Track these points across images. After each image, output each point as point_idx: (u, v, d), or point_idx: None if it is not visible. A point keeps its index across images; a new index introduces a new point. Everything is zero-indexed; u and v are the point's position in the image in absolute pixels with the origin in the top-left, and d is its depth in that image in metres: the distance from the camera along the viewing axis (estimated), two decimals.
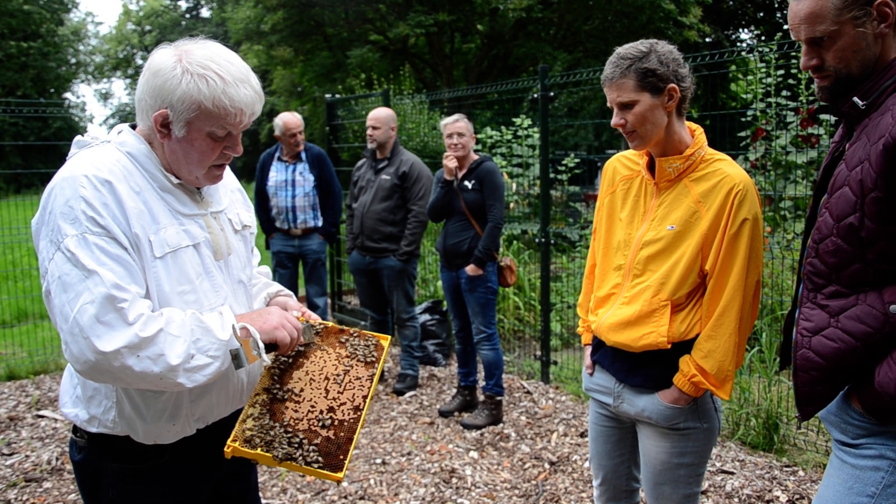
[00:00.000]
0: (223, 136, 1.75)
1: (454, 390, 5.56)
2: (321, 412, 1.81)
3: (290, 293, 2.19)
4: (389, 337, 2.10)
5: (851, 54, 1.70)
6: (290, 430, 1.76)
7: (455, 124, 4.76)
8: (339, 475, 1.69)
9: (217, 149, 1.76)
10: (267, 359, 1.73)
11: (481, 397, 5.09)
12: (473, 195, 4.76)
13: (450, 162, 4.76)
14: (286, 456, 1.70)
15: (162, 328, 1.60)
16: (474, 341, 4.97)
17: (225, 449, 1.71)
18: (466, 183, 4.79)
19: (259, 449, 1.71)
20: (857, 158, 1.66)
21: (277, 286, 2.19)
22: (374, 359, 1.99)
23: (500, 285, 4.95)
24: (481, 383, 5.17)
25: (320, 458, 1.71)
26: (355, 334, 2.05)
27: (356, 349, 2.00)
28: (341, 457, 1.73)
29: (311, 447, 1.73)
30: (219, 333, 1.66)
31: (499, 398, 4.94)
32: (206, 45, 1.74)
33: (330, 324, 2.06)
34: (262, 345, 1.71)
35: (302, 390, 1.85)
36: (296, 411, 1.81)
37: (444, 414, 5.09)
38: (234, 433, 1.74)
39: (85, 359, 1.55)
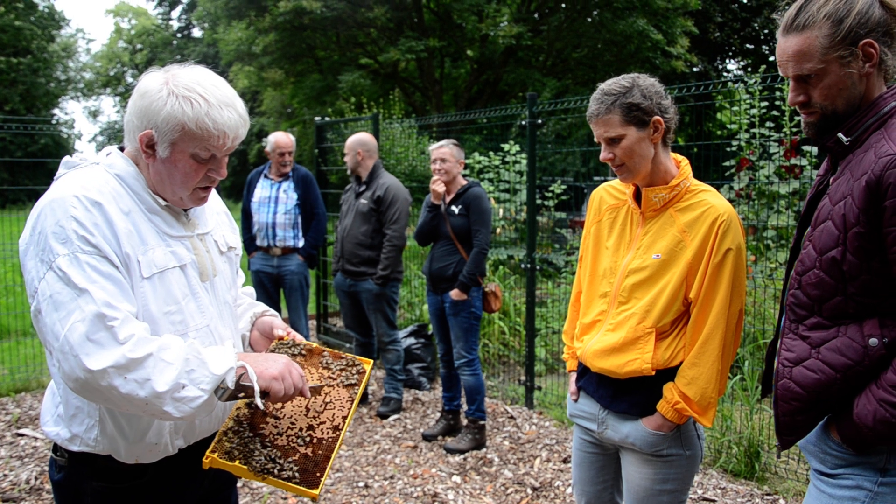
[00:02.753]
0: (207, 159, 1.76)
1: (438, 414, 5.55)
2: (301, 429, 1.82)
3: (276, 313, 2.20)
4: (372, 361, 2.11)
5: (837, 92, 1.74)
6: (269, 444, 1.76)
7: (439, 150, 4.82)
8: (315, 492, 1.69)
9: (201, 171, 1.77)
10: (260, 403, 1.70)
11: (465, 422, 5.08)
12: (460, 220, 4.79)
13: (437, 186, 4.80)
14: (263, 469, 1.70)
15: (152, 352, 1.58)
16: (455, 366, 4.97)
17: (203, 459, 1.71)
18: (453, 208, 4.83)
19: (237, 461, 1.70)
20: (841, 193, 1.70)
21: (263, 306, 2.20)
22: (355, 381, 2.00)
23: (484, 311, 4.97)
24: (464, 407, 5.16)
25: (297, 474, 1.71)
26: (339, 356, 2.06)
27: (339, 371, 2.01)
28: (318, 474, 1.73)
29: (289, 462, 1.73)
30: (213, 368, 1.65)
31: (481, 422, 4.93)
32: (194, 70, 1.77)
33: (314, 345, 2.07)
34: (258, 388, 1.69)
35: (282, 407, 1.86)
36: (275, 427, 1.81)
37: (427, 438, 5.08)
38: (212, 444, 1.74)
39: (75, 376, 1.55)
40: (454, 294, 4.76)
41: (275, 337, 2.07)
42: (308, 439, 1.80)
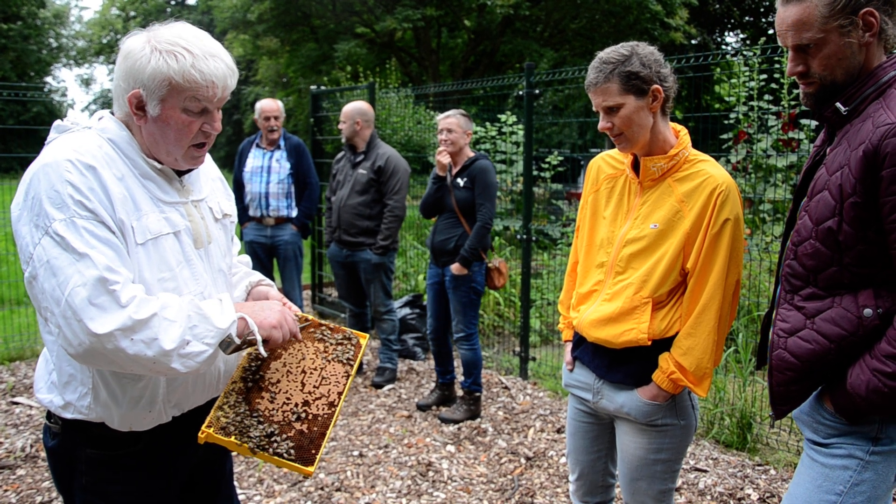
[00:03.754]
0: (199, 112, 1.74)
1: (433, 384, 5.58)
2: (296, 405, 1.81)
3: (271, 283, 2.19)
4: (368, 335, 2.10)
5: (836, 62, 1.72)
6: (265, 420, 1.76)
7: (446, 120, 4.73)
8: (310, 469, 1.70)
9: (194, 126, 1.75)
10: (263, 351, 1.73)
11: (459, 392, 5.10)
12: (465, 193, 4.72)
13: (442, 158, 4.71)
14: (259, 446, 1.71)
15: (156, 312, 1.59)
16: (453, 339, 4.93)
17: (199, 434, 1.71)
18: (459, 180, 4.74)
19: (233, 437, 1.71)
20: (838, 163, 1.69)
21: (258, 275, 2.19)
22: (350, 356, 1.99)
23: (487, 287, 4.91)
24: (459, 378, 5.18)
25: (293, 451, 1.72)
26: (335, 330, 2.05)
27: (334, 344, 2.00)
28: (313, 451, 1.73)
29: (285, 439, 1.73)
30: (217, 321, 1.66)
31: (477, 394, 4.95)
32: (176, 25, 1.75)
33: (310, 317, 2.06)
34: (260, 339, 1.71)
35: (278, 381, 1.86)
36: (271, 402, 1.81)
37: (422, 408, 5.09)
38: (208, 419, 1.74)
39: (79, 342, 1.54)
40: (454, 268, 4.70)
41: None
42: (304, 415, 1.80)
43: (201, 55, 1.69)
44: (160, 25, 1.75)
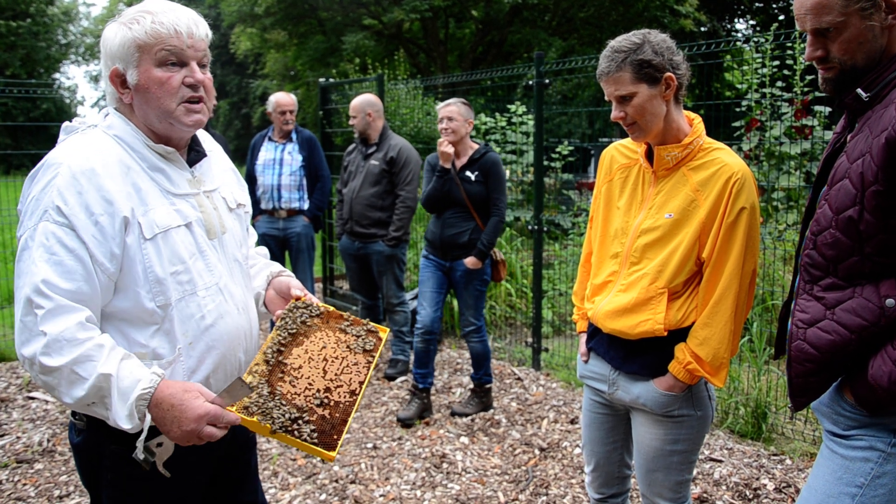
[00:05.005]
0: (175, 64, 1.74)
1: (445, 375, 5.57)
2: (318, 391, 1.79)
3: (291, 274, 2.17)
4: (389, 329, 2.09)
5: (857, 46, 1.68)
6: (287, 403, 1.74)
7: (446, 108, 4.63)
8: (332, 454, 1.67)
9: (173, 80, 1.73)
10: (161, 470, 1.69)
11: (470, 386, 5.07)
12: (477, 187, 4.60)
13: (446, 148, 4.56)
14: (282, 427, 1.68)
15: (63, 365, 1.55)
16: (463, 333, 4.86)
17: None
18: (468, 173, 4.62)
19: (255, 417, 1.68)
20: (859, 151, 1.66)
21: (278, 266, 2.18)
22: (371, 347, 1.98)
23: (493, 280, 4.87)
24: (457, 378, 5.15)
25: (315, 435, 1.70)
26: (355, 322, 2.04)
27: (355, 336, 1.99)
28: (335, 436, 1.72)
29: (307, 422, 1.71)
30: (118, 416, 1.59)
31: (488, 386, 4.91)
32: (144, 2, 1.78)
33: (331, 309, 2.05)
34: (141, 448, 1.64)
35: (300, 367, 1.84)
36: (293, 386, 1.79)
37: (405, 422, 4.70)
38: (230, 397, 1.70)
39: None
40: (470, 262, 4.59)
41: (291, 297, 2.04)
42: (325, 401, 1.78)
43: (160, 11, 1.73)
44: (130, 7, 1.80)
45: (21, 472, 3.99)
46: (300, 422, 1.71)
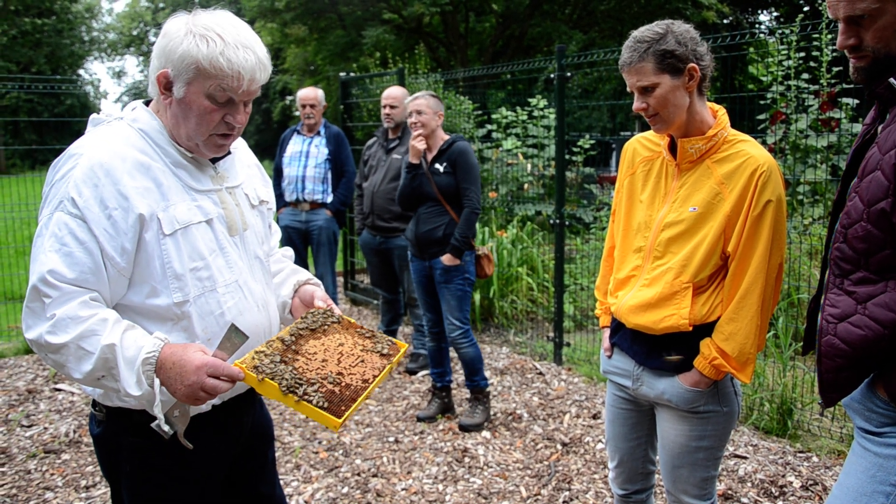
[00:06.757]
0: (223, 102, 1.72)
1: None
2: (330, 372, 1.76)
3: (319, 282, 2.16)
4: (407, 345, 2.07)
5: (892, 34, 1.64)
6: (298, 373, 1.72)
7: (415, 101, 4.39)
8: (338, 421, 1.64)
9: (216, 114, 1.73)
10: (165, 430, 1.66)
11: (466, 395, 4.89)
12: (446, 179, 4.39)
13: (419, 143, 4.36)
14: (290, 388, 1.65)
15: (69, 341, 1.58)
16: (449, 338, 4.55)
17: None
18: (438, 166, 4.41)
19: (264, 377, 1.66)
20: (891, 142, 1.62)
21: (305, 274, 2.17)
22: (388, 352, 1.95)
23: (477, 276, 4.61)
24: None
25: (323, 402, 1.67)
26: (374, 336, 2.01)
27: (374, 342, 1.97)
28: (343, 408, 1.68)
29: (317, 390, 1.69)
30: (126, 383, 1.61)
31: (487, 389, 4.67)
32: (218, 12, 1.75)
33: (352, 320, 2.03)
34: (161, 417, 1.64)
35: (315, 353, 1.82)
36: (306, 364, 1.77)
37: (424, 420, 4.68)
38: (241, 360, 1.69)
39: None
40: (446, 259, 4.35)
41: (315, 307, 2.01)
42: (337, 381, 1.75)
43: (233, 44, 1.68)
44: (203, 11, 1.75)
45: (49, 462, 4.05)
46: (309, 389, 1.68)
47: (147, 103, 1.84)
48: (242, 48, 1.69)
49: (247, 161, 2.06)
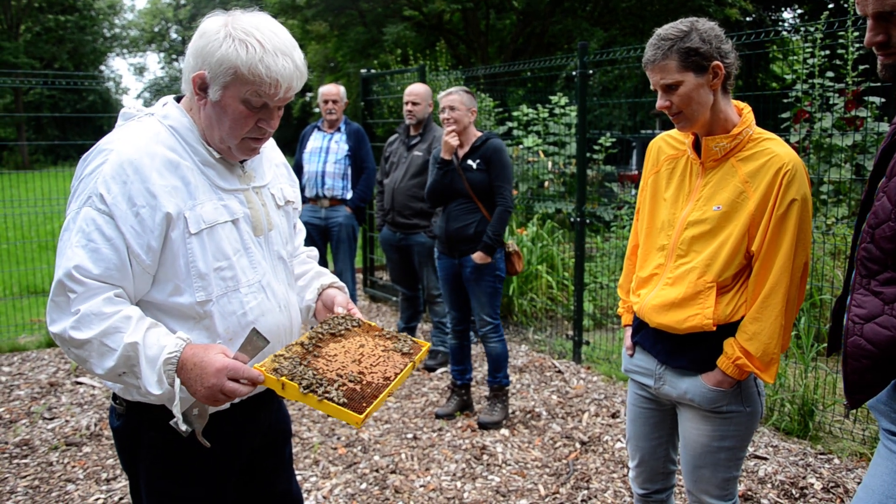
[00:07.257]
0: (258, 107, 1.72)
1: (486, 366, 5.55)
2: (351, 372, 1.76)
3: (343, 285, 2.16)
4: (429, 344, 2.06)
5: None
6: (318, 374, 1.71)
7: (448, 97, 4.36)
8: (360, 417, 1.62)
9: (251, 119, 1.73)
10: (182, 427, 1.66)
11: (486, 392, 4.89)
12: (479, 175, 4.36)
13: (451, 139, 4.31)
14: (309, 387, 1.64)
15: (92, 337, 1.59)
16: (480, 333, 4.56)
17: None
18: (470, 162, 4.38)
19: (284, 378, 1.65)
20: None
21: (330, 277, 2.16)
22: (410, 351, 1.94)
23: (508, 273, 4.61)
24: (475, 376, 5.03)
25: (344, 399, 1.66)
26: (394, 336, 2.00)
27: (395, 341, 1.97)
28: (364, 404, 1.67)
29: (337, 388, 1.68)
30: (147, 382, 1.61)
31: (507, 387, 4.67)
32: (256, 15, 1.73)
33: (372, 324, 2.02)
34: (180, 416, 1.64)
35: (336, 355, 1.82)
36: (327, 365, 1.77)
37: (443, 417, 4.69)
38: (261, 364, 1.69)
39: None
40: (478, 257, 4.32)
41: (336, 313, 2.00)
42: (358, 380, 1.74)
43: (272, 50, 1.67)
44: (242, 11, 1.74)
45: (70, 455, 4.09)
46: (329, 389, 1.67)
47: (178, 99, 1.85)
48: (281, 55, 1.69)
49: (274, 160, 2.06)
